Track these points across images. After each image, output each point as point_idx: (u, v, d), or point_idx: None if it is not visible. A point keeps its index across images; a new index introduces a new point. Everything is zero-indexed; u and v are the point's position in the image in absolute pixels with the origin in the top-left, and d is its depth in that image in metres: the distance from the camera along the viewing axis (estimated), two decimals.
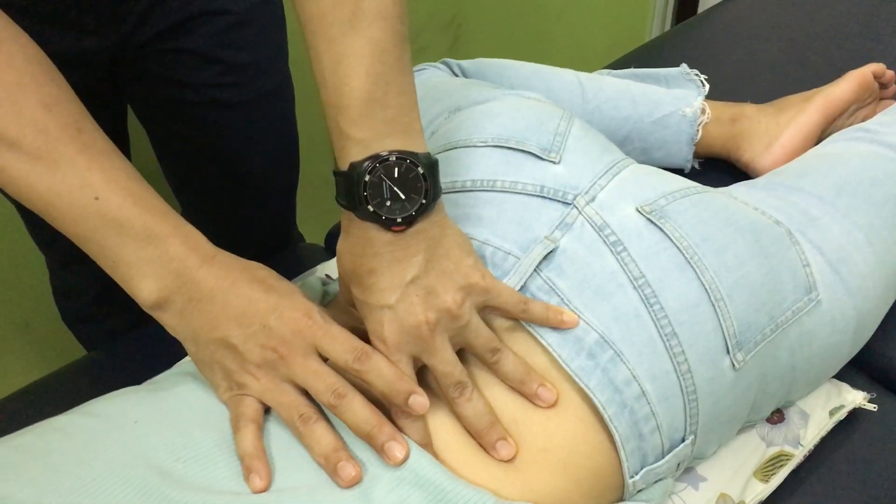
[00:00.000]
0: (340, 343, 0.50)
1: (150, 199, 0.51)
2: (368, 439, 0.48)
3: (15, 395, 0.79)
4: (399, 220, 0.50)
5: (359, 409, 0.48)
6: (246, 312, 0.50)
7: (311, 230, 1.12)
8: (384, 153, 0.49)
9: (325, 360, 0.51)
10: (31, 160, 0.48)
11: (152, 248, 0.50)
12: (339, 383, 0.49)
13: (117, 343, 0.86)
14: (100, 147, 0.51)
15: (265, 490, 0.46)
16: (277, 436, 0.50)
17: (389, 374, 0.49)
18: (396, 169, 0.50)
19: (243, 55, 0.81)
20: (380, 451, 0.48)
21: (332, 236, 1.00)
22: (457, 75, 0.92)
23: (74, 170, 0.49)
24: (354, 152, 0.50)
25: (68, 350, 1.12)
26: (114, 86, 0.81)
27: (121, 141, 0.89)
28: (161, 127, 0.87)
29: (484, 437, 0.51)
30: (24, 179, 0.49)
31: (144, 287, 0.50)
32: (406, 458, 0.47)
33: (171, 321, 0.52)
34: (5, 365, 1.30)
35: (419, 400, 0.49)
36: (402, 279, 0.51)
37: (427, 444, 0.51)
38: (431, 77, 0.89)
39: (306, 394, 0.50)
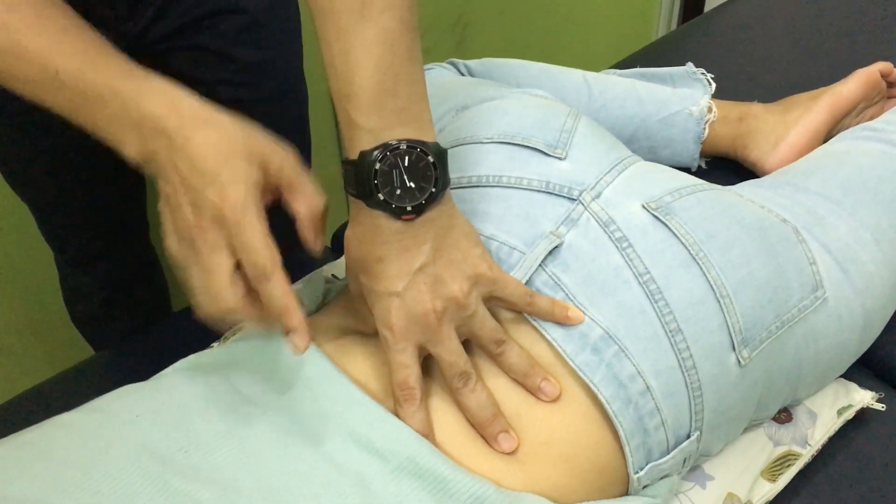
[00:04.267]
0: (248, 253, 0.47)
1: (110, 61, 0.52)
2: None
3: (23, 395, 0.80)
4: (409, 208, 0.50)
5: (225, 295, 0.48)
6: (184, 182, 0.48)
7: None
8: (394, 142, 0.50)
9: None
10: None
11: (117, 109, 0.50)
12: (221, 286, 0.47)
13: (126, 343, 0.86)
14: (59, 26, 0.52)
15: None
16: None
17: (279, 303, 0.48)
18: (407, 157, 0.50)
19: (258, 54, 0.81)
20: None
21: (338, 237, 1.00)
22: (463, 75, 0.92)
23: (32, 51, 0.50)
24: (364, 141, 0.50)
25: (76, 351, 1.12)
26: None
27: None
28: None
29: (486, 428, 0.52)
30: (3, 74, 0.51)
31: (125, 149, 0.50)
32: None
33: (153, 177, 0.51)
34: (13, 365, 1.31)
35: (296, 340, 0.48)
36: (410, 267, 0.51)
37: (428, 434, 0.51)
38: (439, 76, 0.89)
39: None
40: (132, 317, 1.03)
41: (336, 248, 1.00)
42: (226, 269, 0.48)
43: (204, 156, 0.48)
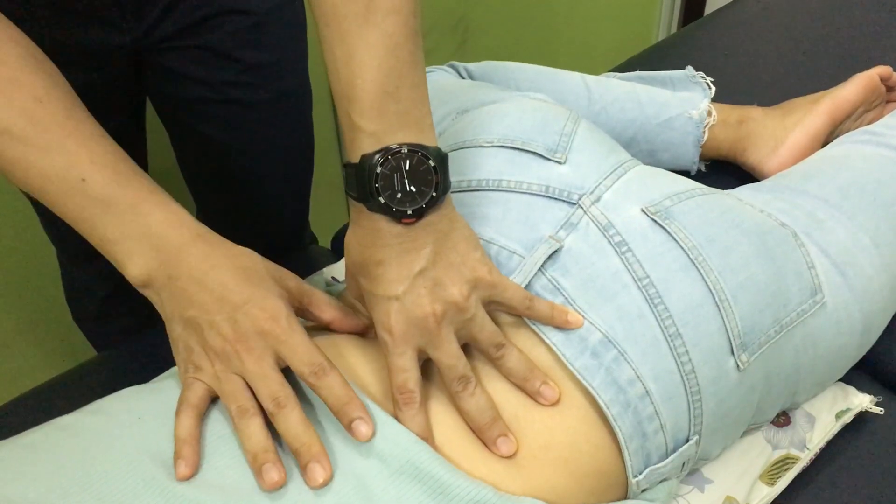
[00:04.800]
0: (299, 354, 0.49)
1: (136, 178, 0.53)
2: (296, 455, 0.48)
3: (25, 395, 0.80)
4: (409, 212, 0.50)
5: (293, 423, 0.48)
6: (218, 299, 0.50)
7: (316, 233, 1.12)
8: (395, 146, 0.50)
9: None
10: (23, 146, 0.50)
11: (135, 224, 0.51)
12: (281, 392, 0.48)
13: (127, 343, 0.87)
14: (88, 131, 0.53)
15: (188, 476, 0.46)
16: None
17: (341, 394, 0.49)
18: (408, 161, 0.50)
19: (262, 55, 0.82)
20: (303, 469, 0.47)
21: (338, 239, 1.01)
22: (464, 78, 0.92)
23: (62, 153, 0.51)
24: (366, 144, 0.50)
25: (77, 351, 1.13)
26: (135, 81, 0.82)
27: (137, 136, 0.90)
28: (179, 124, 0.88)
29: (485, 432, 0.52)
30: (19, 164, 0.51)
31: (131, 265, 0.52)
32: (325, 484, 0.46)
33: (155, 298, 0.53)
34: (15, 365, 1.31)
35: (362, 428, 0.48)
36: (409, 271, 0.51)
37: (428, 438, 0.51)
38: (439, 79, 0.89)
39: None
40: (133, 314, 1.04)
41: (336, 250, 1.00)
42: (277, 371, 0.50)
43: (236, 278, 0.51)
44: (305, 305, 0.56)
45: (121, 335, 1.04)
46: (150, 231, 0.51)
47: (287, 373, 0.51)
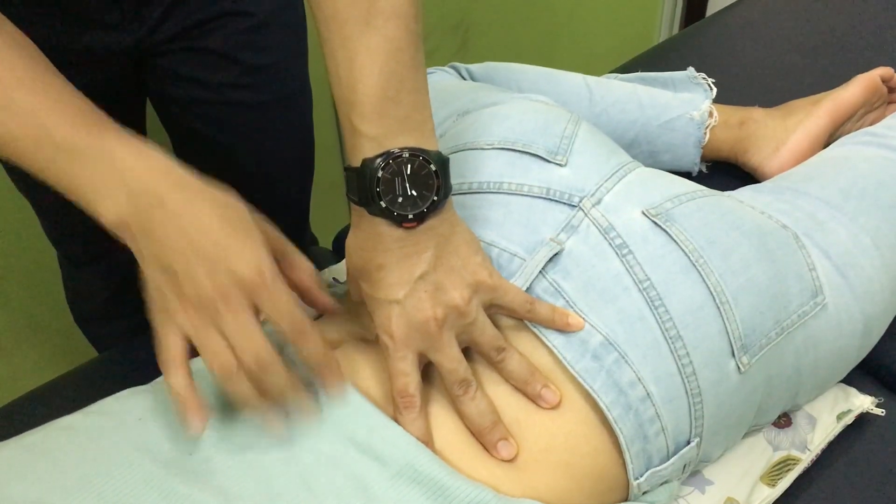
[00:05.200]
0: (280, 310, 0.48)
1: (103, 123, 0.50)
2: (288, 403, 0.48)
3: (26, 396, 0.80)
4: (410, 216, 0.50)
5: (277, 380, 0.48)
6: (197, 249, 0.47)
7: (317, 234, 1.12)
8: (396, 150, 0.50)
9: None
10: None
11: (111, 171, 0.49)
12: (263, 351, 0.47)
13: (128, 344, 0.87)
14: (51, 84, 0.51)
15: (202, 431, 0.47)
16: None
17: (320, 355, 0.49)
18: (409, 166, 0.50)
19: (262, 57, 0.82)
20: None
21: (340, 240, 1.01)
22: (465, 79, 0.92)
23: (25, 109, 0.49)
24: (367, 149, 0.50)
25: (79, 351, 1.13)
26: (135, 82, 0.82)
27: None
28: (179, 125, 0.88)
29: (486, 436, 0.52)
30: None
31: (103, 208, 0.49)
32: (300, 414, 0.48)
33: (131, 244, 0.50)
34: (16, 366, 1.31)
35: (336, 387, 0.50)
36: (410, 275, 0.51)
37: (428, 441, 0.51)
38: (440, 80, 0.89)
39: None
40: (135, 315, 1.03)
41: (337, 250, 1.00)
42: (258, 327, 0.48)
43: (217, 226, 0.49)
44: (279, 259, 0.52)
45: (122, 336, 1.04)
46: (125, 175, 0.48)
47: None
